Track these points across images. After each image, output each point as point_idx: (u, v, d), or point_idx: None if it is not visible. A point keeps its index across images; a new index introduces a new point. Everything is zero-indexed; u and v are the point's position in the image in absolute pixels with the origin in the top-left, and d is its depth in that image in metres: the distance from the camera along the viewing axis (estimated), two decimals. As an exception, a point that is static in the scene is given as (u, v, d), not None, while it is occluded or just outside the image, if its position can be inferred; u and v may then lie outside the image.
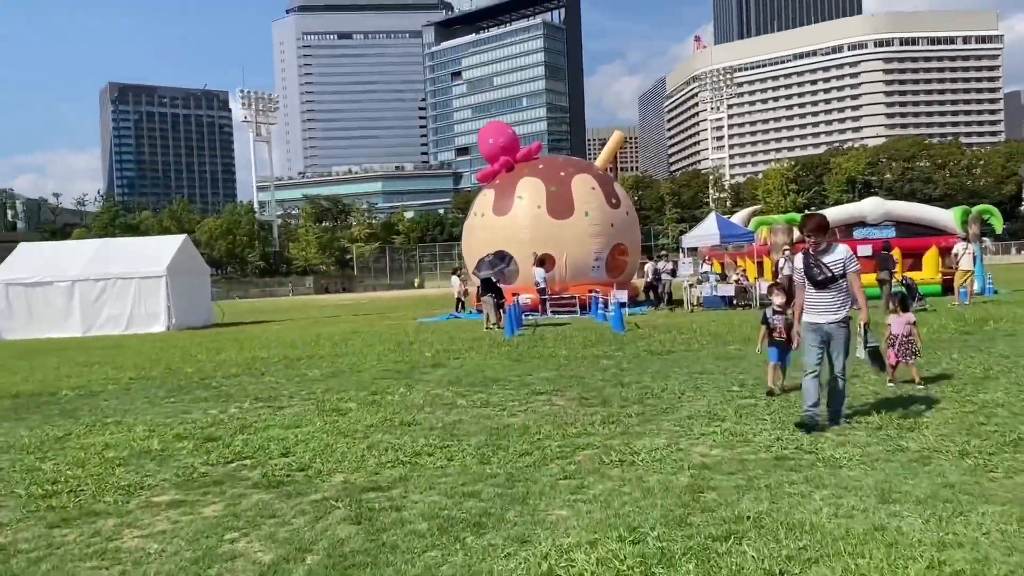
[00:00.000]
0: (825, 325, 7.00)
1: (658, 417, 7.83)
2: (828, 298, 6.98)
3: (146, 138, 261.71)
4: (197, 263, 30.30)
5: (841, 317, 7.00)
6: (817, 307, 7.05)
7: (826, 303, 7.00)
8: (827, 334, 7.02)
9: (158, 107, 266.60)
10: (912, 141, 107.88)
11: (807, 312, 7.15)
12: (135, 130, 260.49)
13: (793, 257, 23.67)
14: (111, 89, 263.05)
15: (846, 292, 7.01)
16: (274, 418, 8.75)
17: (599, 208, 26.28)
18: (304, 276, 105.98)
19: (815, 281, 6.98)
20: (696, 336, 15.63)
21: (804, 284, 7.13)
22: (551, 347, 14.87)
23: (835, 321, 7.00)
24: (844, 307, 7.01)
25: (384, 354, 15.05)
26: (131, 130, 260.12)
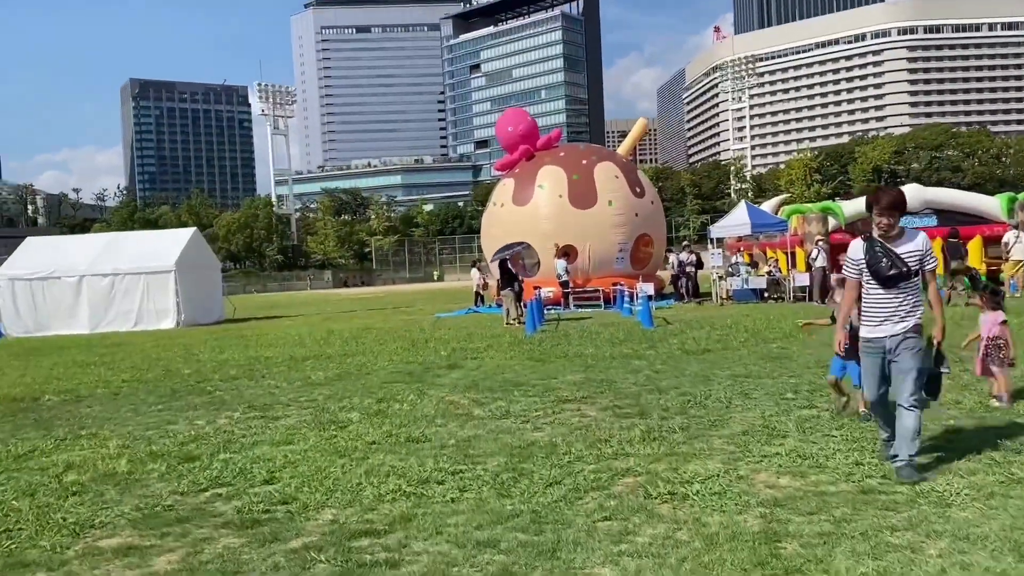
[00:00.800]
0: (888, 339, 5.26)
1: (707, 432, 6.71)
2: (895, 301, 5.24)
3: (167, 133, 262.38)
4: (207, 257, 29.41)
5: (911, 325, 5.22)
6: (878, 314, 5.31)
7: (891, 308, 5.25)
8: (890, 351, 5.27)
9: (178, 103, 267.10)
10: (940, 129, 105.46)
11: (865, 325, 5.43)
12: (156, 126, 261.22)
13: (827, 248, 22.40)
14: (132, 85, 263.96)
15: (918, 294, 5.29)
16: (265, 432, 7.70)
17: (623, 197, 25.13)
18: (322, 270, 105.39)
19: (882, 277, 5.22)
20: (732, 332, 14.46)
21: (858, 281, 5.44)
22: (576, 345, 13.76)
23: (902, 332, 5.23)
24: (915, 312, 5.24)
25: (396, 353, 13.99)
26: (152, 126, 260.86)
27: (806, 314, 17.59)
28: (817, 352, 11.33)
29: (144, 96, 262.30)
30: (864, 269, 5.34)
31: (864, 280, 5.37)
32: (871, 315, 5.37)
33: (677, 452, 6.07)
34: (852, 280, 5.52)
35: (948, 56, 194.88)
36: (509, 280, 19.72)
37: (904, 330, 5.24)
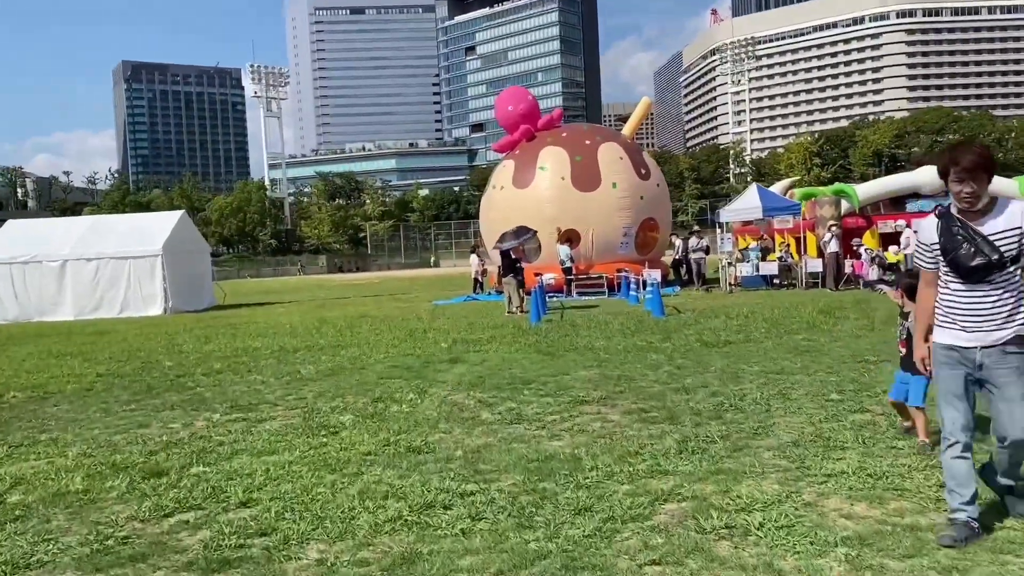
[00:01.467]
0: (979, 352, 3.91)
1: (751, 442, 5.84)
2: (987, 301, 3.89)
3: (159, 116, 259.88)
4: (196, 241, 28.42)
5: (1010, 334, 3.85)
6: (961, 316, 3.96)
7: (983, 309, 3.90)
8: (981, 367, 3.92)
9: (171, 85, 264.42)
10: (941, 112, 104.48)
11: (940, 327, 4.08)
12: (148, 108, 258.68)
13: (840, 233, 21.52)
14: (124, 68, 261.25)
15: (1019, 289, 3.91)
16: (246, 438, 6.82)
17: (628, 179, 24.21)
18: (317, 255, 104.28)
19: (964, 268, 3.88)
20: (750, 322, 13.59)
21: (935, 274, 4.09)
22: (586, 336, 12.88)
23: (999, 343, 3.87)
24: (1016, 316, 3.88)
25: (393, 345, 13.10)
26: (144, 109, 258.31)
27: (818, 300, 16.80)
28: (847, 344, 10.48)
29: (137, 79, 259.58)
30: (939, 257, 4.00)
31: (941, 272, 4.03)
32: (952, 317, 4.00)
33: (723, 469, 5.19)
34: (927, 273, 4.14)
35: (947, 40, 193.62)
36: (511, 267, 18.78)
37: (1003, 340, 3.86)
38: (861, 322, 12.80)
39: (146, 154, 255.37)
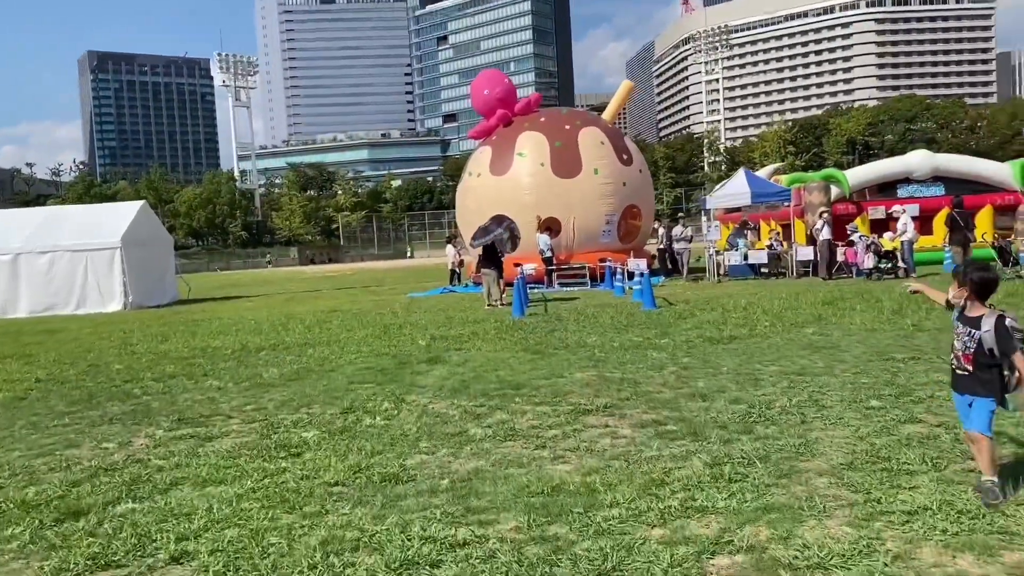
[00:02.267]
0: None
1: (797, 464, 4.86)
2: None
3: (127, 107, 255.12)
4: (158, 233, 27.02)
5: None
6: None
7: None
8: None
9: (138, 76, 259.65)
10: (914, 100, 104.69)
11: None
12: (115, 99, 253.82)
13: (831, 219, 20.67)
14: (90, 58, 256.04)
15: None
16: (191, 461, 5.73)
17: (609, 165, 23.24)
18: (288, 247, 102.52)
19: None
20: (751, 315, 12.67)
21: None
22: (575, 332, 11.88)
23: None
24: None
25: (366, 343, 12.01)
26: (111, 99, 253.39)
27: (815, 290, 15.91)
28: (865, 340, 9.56)
29: (103, 69, 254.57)
30: None
31: None
32: None
33: (773, 504, 4.20)
34: None
35: (916, 28, 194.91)
36: (491, 258, 17.68)
37: None
38: (870, 314, 11.91)
39: (113, 145, 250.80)
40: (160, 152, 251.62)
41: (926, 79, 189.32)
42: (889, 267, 18.37)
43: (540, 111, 25.90)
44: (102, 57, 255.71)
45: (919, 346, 8.89)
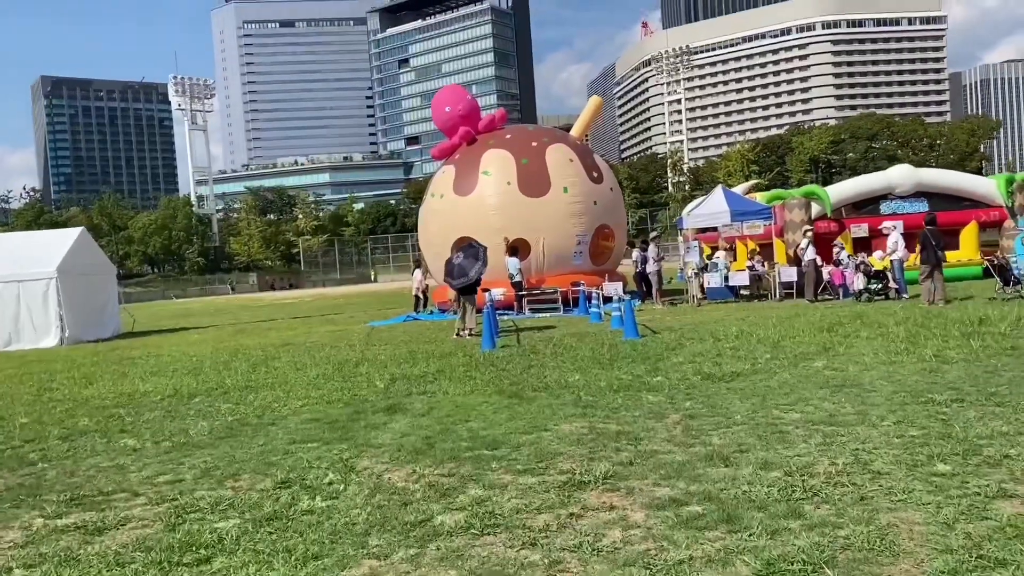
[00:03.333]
0: None
1: (878, 572, 3.57)
2: None
3: (82, 133, 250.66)
4: (99, 262, 25.18)
5: None
6: None
7: None
8: None
9: (94, 101, 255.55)
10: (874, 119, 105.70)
11: None
12: (70, 125, 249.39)
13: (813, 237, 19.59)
14: (43, 83, 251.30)
15: None
16: (62, 572, 4.28)
17: (579, 183, 22.11)
18: (247, 272, 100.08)
19: None
20: (746, 345, 11.45)
21: None
22: (554, 367, 10.55)
23: None
24: None
25: (317, 385, 10.56)
26: (66, 125, 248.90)
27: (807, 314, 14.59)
28: (889, 375, 8.36)
29: (57, 94, 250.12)
30: None
31: None
32: None
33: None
34: None
35: (871, 49, 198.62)
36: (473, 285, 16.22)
37: None
38: (879, 342, 10.76)
39: (68, 172, 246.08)
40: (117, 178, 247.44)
41: (882, 98, 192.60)
42: (879, 287, 17.34)
43: (505, 128, 24.72)
44: (56, 82, 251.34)
45: (955, 384, 7.69)
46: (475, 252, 16.10)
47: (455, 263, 16.27)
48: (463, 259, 16.21)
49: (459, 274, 15.99)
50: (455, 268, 16.09)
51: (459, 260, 16.25)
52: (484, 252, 16.23)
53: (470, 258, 15.95)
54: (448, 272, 16.41)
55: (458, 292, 16.37)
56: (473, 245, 16.74)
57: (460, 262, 16.16)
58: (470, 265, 15.80)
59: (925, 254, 15.96)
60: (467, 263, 15.97)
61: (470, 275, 15.83)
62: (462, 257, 16.32)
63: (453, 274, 16.02)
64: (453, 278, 16.03)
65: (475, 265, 15.71)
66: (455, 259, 16.43)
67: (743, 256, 25.32)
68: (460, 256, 16.39)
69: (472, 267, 15.78)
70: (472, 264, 15.77)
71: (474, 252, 16.10)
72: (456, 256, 16.53)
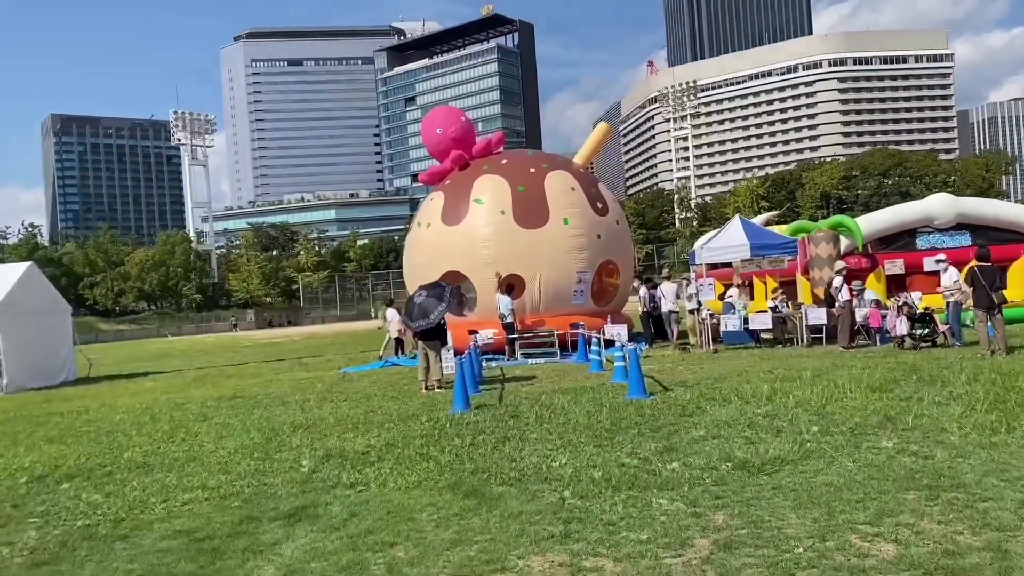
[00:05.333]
0: None
1: None
2: None
3: (91, 170, 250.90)
4: (50, 300, 22.86)
5: None
6: None
7: None
8: None
9: (103, 138, 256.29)
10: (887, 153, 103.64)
11: None
12: (79, 162, 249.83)
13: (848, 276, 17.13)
14: (53, 121, 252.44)
15: None
16: None
17: (581, 214, 19.80)
18: (246, 309, 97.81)
19: None
20: (783, 411, 8.99)
21: None
22: (536, 441, 8.13)
23: None
24: None
25: (227, 464, 8.15)
26: (75, 162, 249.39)
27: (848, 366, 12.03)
28: (999, 470, 5.91)
29: (67, 132, 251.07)
30: None
31: None
32: None
33: None
34: None
35: (878, 87, 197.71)
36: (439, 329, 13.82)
37: None
38: (956, 408, 8.31)
39: (76, 209, 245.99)
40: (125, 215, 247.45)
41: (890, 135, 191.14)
42: (926, 332, 14.90)
43: (502, 152, 22.54)
44: (66, 120, 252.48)
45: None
46: (440, 292, 13.63)
47: (416, 302, 13.71)
48: (425, 298, 13.69)
49: (419, 315, 13.43)
50: (415, 308, 13.55)
51: (421, 299, 13.69)
52: (451, 293, 13.81)
53: (433, 298, 13.49)
54: (408, 312, 13.93)
55: (418, 337, 13.94)
56: (440, 284, 14.27)
57: (422, 301, 13.64)
58: (432, 306, 13.35)
59: (977, 295, 13.52)
60: (429, 303, 13.50)
61: (431, 318, 13.38)
62: (424, 296, 13.77)
63: (412, 315, 13.53)
64: (412, 319, 13.54)
65: (438, 307, 13.29)
66: (417, 297, 13.89)
67: (760, 295, 22.92)
68: (423, 294, 13.82)
69: (434, 308, 13.35)
70: (435, 305, 13.34)
71: (439, 292, 13.64)
72: (419, 294, 13.96)
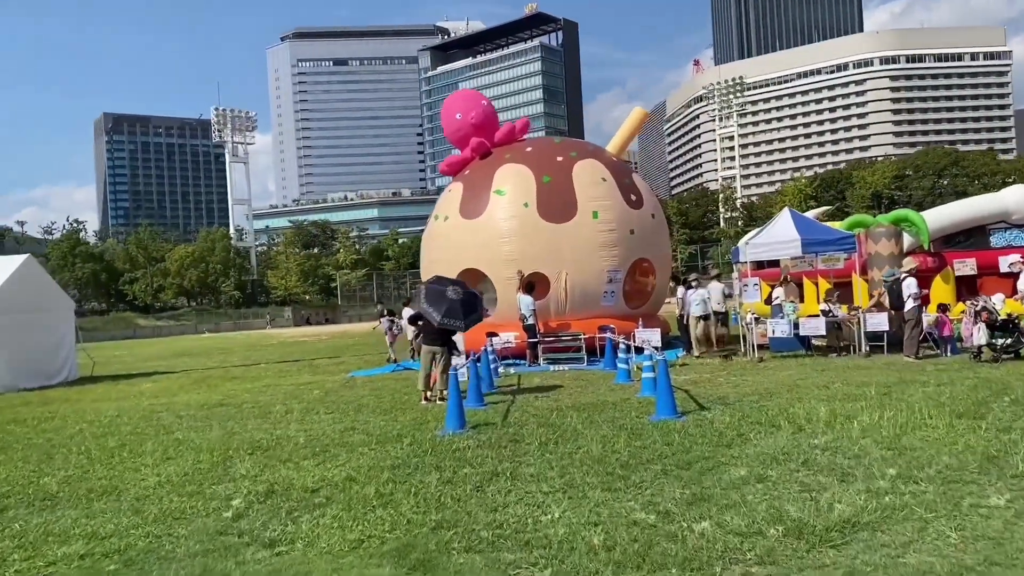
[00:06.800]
0: None
1: None
2: None
3: (140, 168, 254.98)
4: (50, 295, 21.62)
5: None
6: None
7: None
8: None
9: (153, 137, 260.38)
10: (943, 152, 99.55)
11: None
12: (129, 160, 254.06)
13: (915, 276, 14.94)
14: (105, 120, 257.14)
15: None
16: None
17: (613, 207, 17.96)
18: (283, 306, 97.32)
19: None
20: (844, 443, 7.14)
21: None
22: (530, 480, 6.40)
23: None
24: None
25: (141, 505, 6.55)
26: (125, 160, 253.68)
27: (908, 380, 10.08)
28: None
29: (118, 130, 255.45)
30: None
31: None
32: None
33: None
34: None
35: (931, 85, 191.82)
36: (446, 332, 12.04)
37: None
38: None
39: (127, 206, 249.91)
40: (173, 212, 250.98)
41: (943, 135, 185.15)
42: (1009, 342, 12.84)
43: (526, 140, 20.80)
44: (117, 119, 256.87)
45: None
46: (474, 301, 11.88)
47: (449, 295, 11.86)
48: (462, 297, 11.86)
49: (450, 313, 11.60)
50: (447, 303, 11.64)
51: (456, 295, 11.83)
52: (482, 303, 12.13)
53: (468, 303, 11.71)
54: (431, 299, 11.82)
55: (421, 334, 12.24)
56: (473, 292, 12.50)
57: (459, 298, 11.77)
58: (466, 311, 11.57)
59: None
60: (462, 307, 11.67)
61: (460, 322, 11.64)
62: (461, 294, 11.95)
63: (440, 307, 11.70)
64: (439, 311, 11.64)
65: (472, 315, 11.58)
66: (450, 290, 12.03)
67: (810, 297, 20.88)
68: (459, 292, 11.98)
69: (468, 315, 11.59)
70: (470, 311, 11.59)
71: (473, 300, 11.88)
72: (454, 289, 12.08)
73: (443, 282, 12.52)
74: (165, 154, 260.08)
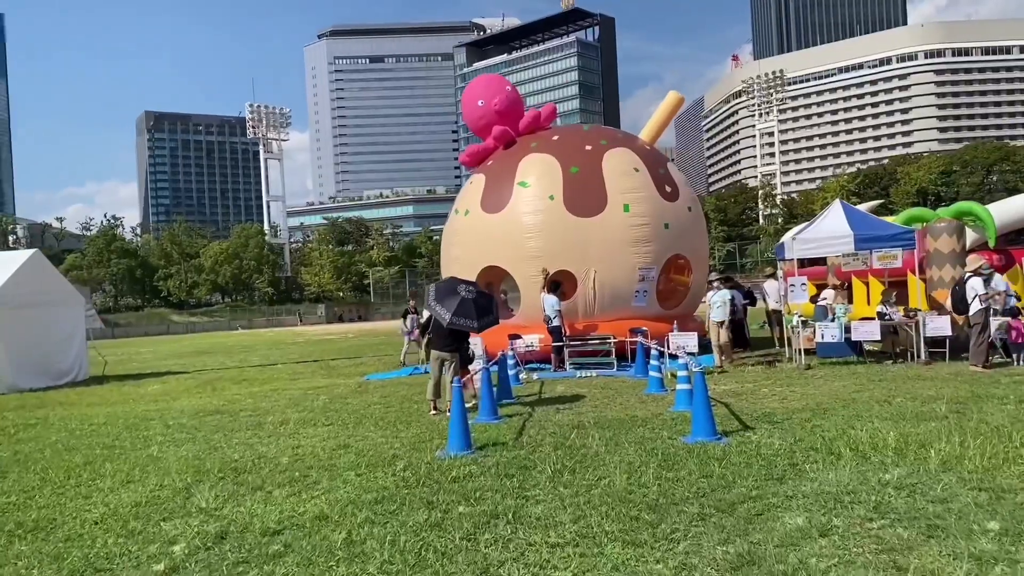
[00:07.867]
0: None
1: None
2: None
3: (181, 166, 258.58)
4: (59, 291, 20.86)
5: None
6: None
7: None
8: None
9: (193, 135, 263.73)
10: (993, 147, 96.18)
11: None
12: (170, 158, 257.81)
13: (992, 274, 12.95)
14: (147, 118, 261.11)
15: None
16: None
17: (646, 200, 16.69)
18: (317, 303, 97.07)
19: None
20: (921, 479, 5.86)
21: None
22: (537, 525, 5.21)
23: None
24: None
25: (74, 543, 5.45)
26: (166, 158, 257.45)
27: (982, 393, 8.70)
28: None
29: (159, 128, 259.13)
30: None
31: None
32: None
33: None
34: None
35: (978, 80, 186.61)
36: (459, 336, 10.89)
37: None
38: None
39: (167, 203, 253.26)
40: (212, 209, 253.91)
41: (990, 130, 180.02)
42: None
43: (553, 128, 19.58)
44: (158, 117, 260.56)
45: None
46: (490, 304, 10.71)
47: (461, 293, 10.64)
48: (475, 297, 10.71)
49: (462, 312, 10.39)
50: (459, 301, 10.45)
51: (469, 295, 10.63)
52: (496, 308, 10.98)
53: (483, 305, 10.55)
54: (441, 297, 10.63)
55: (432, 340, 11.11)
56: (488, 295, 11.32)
57: (472, 298, 10.56)
58: (480, 313, 10.39)
59: None
60: (475, 308, 10.50)
61: (473, 323, 10.46)
62: (474, 293, 10.83)
63: (450, 305, 10.48)
64: (449, 310, 10.42)
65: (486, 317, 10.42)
66: (463, 289, 10.82)
67: (859, 298, 19.35)
68: (472, 291, 10.83)
69: (481, 317, 10.42)
70: (484, 313, 10.42)
71: (488, 303, 10.72)
72: (467, 289, 10.90)
73: (455, 281, 11.39)
74: (204, 151, 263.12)
